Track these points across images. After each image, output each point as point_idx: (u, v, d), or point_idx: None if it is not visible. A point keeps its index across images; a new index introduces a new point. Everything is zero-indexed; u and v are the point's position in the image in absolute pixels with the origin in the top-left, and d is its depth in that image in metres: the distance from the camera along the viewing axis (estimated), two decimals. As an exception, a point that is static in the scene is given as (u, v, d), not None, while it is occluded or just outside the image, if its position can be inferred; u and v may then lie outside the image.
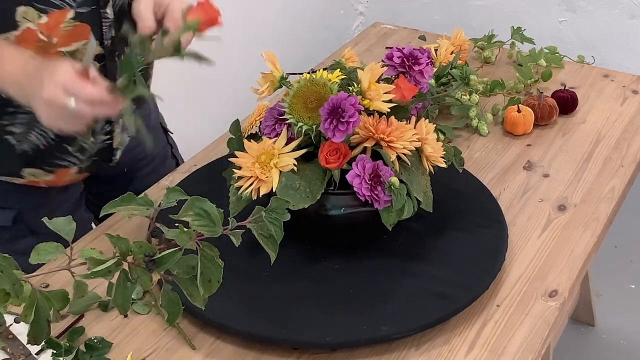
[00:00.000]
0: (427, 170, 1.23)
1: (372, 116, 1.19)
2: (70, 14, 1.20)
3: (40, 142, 1.31)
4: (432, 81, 1.57)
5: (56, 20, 1.19)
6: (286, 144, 1.18)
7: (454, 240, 1.28)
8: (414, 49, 1.31)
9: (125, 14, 1.28)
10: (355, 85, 1.20)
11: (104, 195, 1.32)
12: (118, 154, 1.44)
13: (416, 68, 1.29)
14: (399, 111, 1.22)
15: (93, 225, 1.48)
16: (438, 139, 1.24)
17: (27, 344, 0.97)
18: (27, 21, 1.18)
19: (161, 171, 1.56)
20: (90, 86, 1.09)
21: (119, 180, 1.51)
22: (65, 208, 1.43)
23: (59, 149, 1.34)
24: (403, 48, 1.31)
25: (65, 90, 1.08)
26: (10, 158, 1.32)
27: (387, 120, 1.19)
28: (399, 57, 1.30)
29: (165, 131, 1.64)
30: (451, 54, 1.67)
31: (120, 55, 1.30)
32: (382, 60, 1.30)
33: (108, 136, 1.40)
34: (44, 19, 1.18)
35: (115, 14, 1.27)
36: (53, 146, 1.33)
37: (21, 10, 1.17)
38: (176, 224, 0.95)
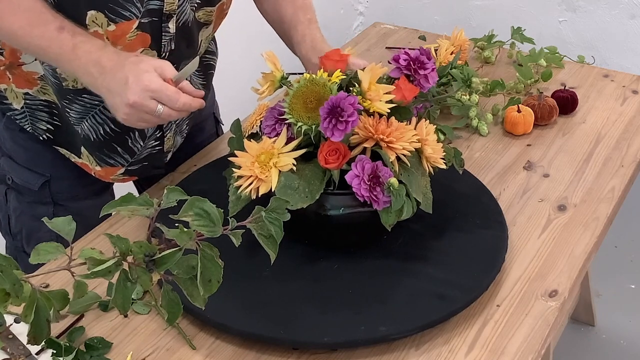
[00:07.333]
0: (427, 171, 1.23)
1: (372, 116, 1.19)
2: (136, 24, 1.23)
3: (92, 134, 1.35)
4: (432, 81, 1.57)
5: (123, 30, 1.23)
6: (286, 144, 1.19)
7: (453, 240, 1.28)
8: (420, 54, 1.30)
9: (188, 30, 1.32)
10: (357, 86, 1.20)
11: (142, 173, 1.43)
12: (168, 157, 1.47)
13: (421, 72, 1.29)
14: (402, 112, 1.22)
15: None
16: (438, 140, 1.24)
17: (27, 344, 0.97)
18: (96, 25, 1.21)
19: None
20: (183, 95, 1.14)
21: None
22: (92, 189, 1.46)
23: (109, 146, 1.37)
24: (411, 49, 1.30)
25: (154, 97, 1.12)
26: (73, 135, 1.37)
27: (387, 121, 1.19)
28: (405, 60, 1.29)
29: (217, 121, 1.67)
30: (451, 54, 1.67)
31: (178, 69, 1.33)
32: (389, 62, 1.30)
33: (158, 142, 1.42)
34: (112, 27, 1.21)
35: (177, 28, 1.29)
36: (103, 142, 1.36)
37: (91, 14, 1.20)
38: (176, 224, 0.95)
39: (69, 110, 1.33)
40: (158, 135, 1.40)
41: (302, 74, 1.24)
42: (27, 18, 1.16)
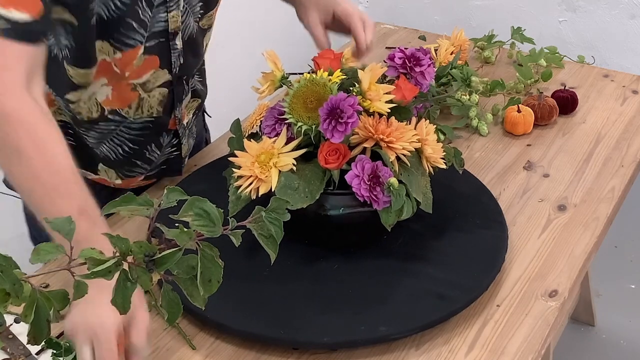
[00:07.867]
0: (427, 171, 1.23)
1: (372, 116, 1.19)
2: (141, 50, 1.24)
3: (111, 154, 1.36)
4: (432, 81, 1.57)
5: (129, 57, 1.23)
6: (286, 144, 1.18)
7: (453, 240, 1.28)
8: (416, 50, 1.31)
9: (194, 41, 1.33)
10: (356, 86, 1.20)
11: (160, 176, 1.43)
12: (186, 161, 1.48)
13: (417, 69, 1.29)
14: (402, 112, 1.22)
15: None
16: (438, 140, 1.24)
17: (27, 344, 0.97)
18: (104, 54, 1.22)
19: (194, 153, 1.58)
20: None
21: None
22: (100, 195, 1.46)
23: (128, 162, 1.38)
24: (406, 49, 1.31)
25: (90, 342, 1.02)
26: (89, 154, 1.36)
27: (387, 121, 1.19)
28: (400, 58, 1.29)
29: (204, 113, 1.66)
30: (451, 54, 1.67)
31: (188, 79, 1.35)
32: (384, 61, 1.30)
33: (175, 148, 1.43)
34: (119, 54, 1.22)
35: (184, 42, 1.30)
36: (123, 160, 1.38)
37: (98, 43, 1.20)
38: (176, 224, 0.95)
39: (86, 136, 1.34)
40: (174, 143, 1.42)
41: (303, 74, 1.24)
42: (53, 182, 1.05)
